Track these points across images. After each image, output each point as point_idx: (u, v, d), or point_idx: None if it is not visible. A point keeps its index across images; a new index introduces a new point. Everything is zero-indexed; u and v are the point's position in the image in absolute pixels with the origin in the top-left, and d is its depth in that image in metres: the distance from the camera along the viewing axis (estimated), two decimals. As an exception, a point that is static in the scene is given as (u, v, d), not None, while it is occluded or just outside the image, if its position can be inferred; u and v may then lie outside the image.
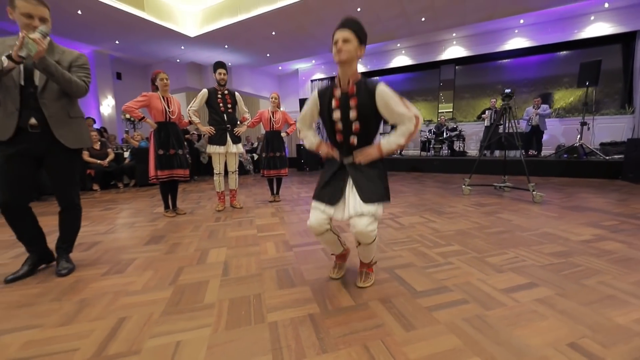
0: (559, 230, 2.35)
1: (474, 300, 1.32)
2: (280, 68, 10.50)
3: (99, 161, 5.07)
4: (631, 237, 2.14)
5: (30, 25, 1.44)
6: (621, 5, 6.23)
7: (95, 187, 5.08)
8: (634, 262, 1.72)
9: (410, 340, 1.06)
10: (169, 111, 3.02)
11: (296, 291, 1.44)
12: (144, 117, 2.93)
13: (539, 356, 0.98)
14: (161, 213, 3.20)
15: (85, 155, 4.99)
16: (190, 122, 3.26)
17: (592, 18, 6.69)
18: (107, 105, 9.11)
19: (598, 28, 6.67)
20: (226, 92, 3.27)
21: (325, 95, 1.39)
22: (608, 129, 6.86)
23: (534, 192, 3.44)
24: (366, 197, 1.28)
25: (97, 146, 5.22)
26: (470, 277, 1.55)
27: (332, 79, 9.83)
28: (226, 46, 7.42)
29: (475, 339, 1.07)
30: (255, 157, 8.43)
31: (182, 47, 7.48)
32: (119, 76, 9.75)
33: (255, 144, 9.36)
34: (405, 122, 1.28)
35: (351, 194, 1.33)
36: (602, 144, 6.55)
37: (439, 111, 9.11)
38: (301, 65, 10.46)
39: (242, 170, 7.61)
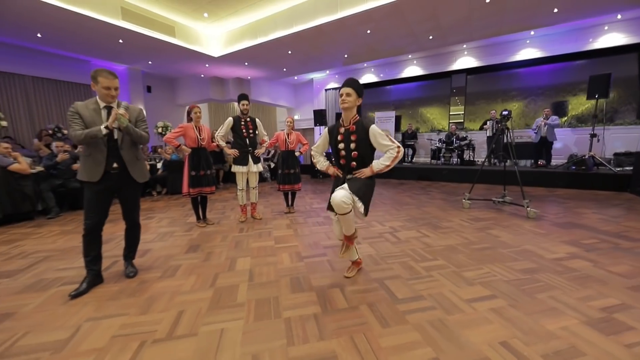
0: (538, 247, 2.66)
1: (440, 307, 1.72)
2: (295, 78, 11.02)
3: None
4: (601, 256, 2.42)
5: (109, 94, 1.96)
6: (635, 16, 6.22)
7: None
8: (590, 279, 2.04)
9: (384, 334, 1.48)
10: (200, 138, 3.57)
11: (305, 295, 1.89)
12: (180, 145, 3.49)
13: (475, 350, 1.37)
14: (194, 223, 3.76)
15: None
16: (218, 146, 3.79)
17: (606, 28, 6.69)
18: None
19: (612, 38, 6.66)
20: (248, 119, 3.78)
21: (333, 131, 2.00)
22: (623, 139, 6.83)
23: (528, 209, 3.71)
24: (352, 190, 1.81)
25: (135, 159, 5.92)
26: (443, 289, 1.94)
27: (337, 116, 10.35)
28: (246, 63, 8.02)
29: (432, 335, 1.47)
30: (272, 165, 8.97)
31: (207, 65, 8.16)
32: (149, 89, 10.61)
33: (272, 152, 9.91)
34: (389, 151, 1.83)
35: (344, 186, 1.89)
36: (615, 154, 6.53)
37: (450, 114, 9.24)
38: (316, 76, 10.93)
39: (259, 177, 8.16)
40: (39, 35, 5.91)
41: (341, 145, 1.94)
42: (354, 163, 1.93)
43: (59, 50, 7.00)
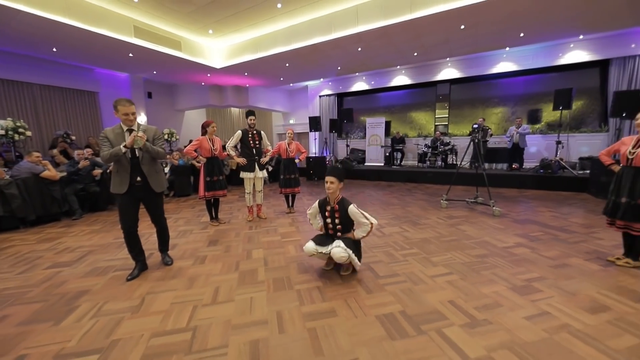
0: (494, 239, 3.31)
1: (409, 281, 2.34)
2: (291, 85, 11.60)
3: (147, 177, 6.25)
4: (540, 245, 3.09)
5: (128, 119, 2.33)
6: (595, 37, 7.00)
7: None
8: (525, 261, 2.69)
9: (368, 298, 2.09)
10: (214, 149, 4.13)
11: (309, 275, 2.49)
12: (197, 156, 4.04)
13: (430, 305, 1.99)
14: (207, 222, 4.31)
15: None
16: (228, 155, 4.35)
17: (572, 46, 7.47)
18: (141, 122, 10.35)
19: (577, 55, 7.45)
20: (255, 132, 4.35)
21: (322, 206, 2.57)
22: (588, 144, 7.63)
23: (494, 208, 4.38)
24: (346, 244, 2.34)
25: (145, 164, 6.41)
26: (414, 269, 2.56)
27: (331, 122, 10.96)
28: (246, 73, 8.57)
29: (402, 298, 2.09)
30: (270, 168, 9.51)
31: (209, 75, 8.67)
32: (149, 95, 11.02)
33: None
34: (363, 226, 2.40)
35: (335, 242, 2.41)
36: (580, 159, 7.32)
37: (436, 116, 9.94)
38: (310, 83, 11.52)
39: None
40: (54, 49, 6.34)
41: (328, 220, 2.52)
42: (339, 233, 2.50)
43: (68, 60, 7.41)
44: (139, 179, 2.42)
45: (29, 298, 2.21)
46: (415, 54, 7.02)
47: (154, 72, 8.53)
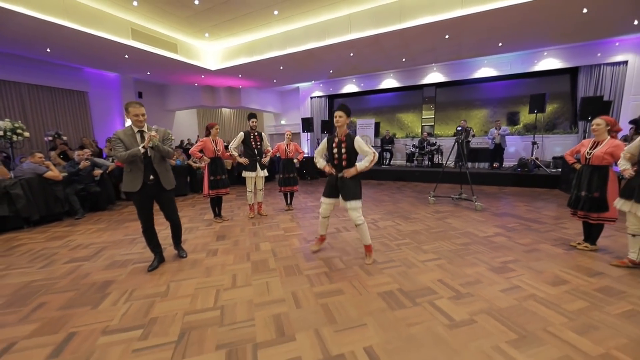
0: (476, 230, 3.72)
1: (404, 265, 2.68)
2: (283, 86, 11.82)
3: (145, 177, 6.35)
4: (515, 234, 3.51)
5: (138, 120, 2.46)
6: (566, 47, 7.63)
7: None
8: (502, 247, 3.09)
9: (369, 279, 2.41)
10: (217, 150, 4.35)
11: (316, 263, 2.78)
12: (202, 156, 4.25)
13: (422, 284, 2.33)
14: (211, 219, 4.52)
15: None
16: (231, 155, 4.57)
17: (545, 54, 8.10)
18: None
19: (550, 63, 8.08)
20: (256, 133, 4.59)
21: (330, 140, 2.83)
22: (561, 144, 8.29)
23: (476, 203, 4.82)
24: (348, 197, 2.67)
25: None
26: (407, 255, 2.90)
27: (323, 123, 11.27)
28: (240, 75, 8.75)
29: (398, 279, 2.42)
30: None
31: (203, 76, 8.79)
32: (140, 95, 10.97)
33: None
34: (369, 155, 2.64)
35: (340, 194, 2.75)
36: (553, 158, 7.96)
37: (423, 117, 10.44)
38: (302, 84, 11.79)
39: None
40: (48, 50, 6.34)
41: (335, 151, 2.77)
42: (344, 163, 2.75)
43: (60, 60, 7.37)
44: (151, 177, 2.56)
45: (59, 288, 2.39)
46: (404, 59, 7.44)
47: (148, 73, 8.58)
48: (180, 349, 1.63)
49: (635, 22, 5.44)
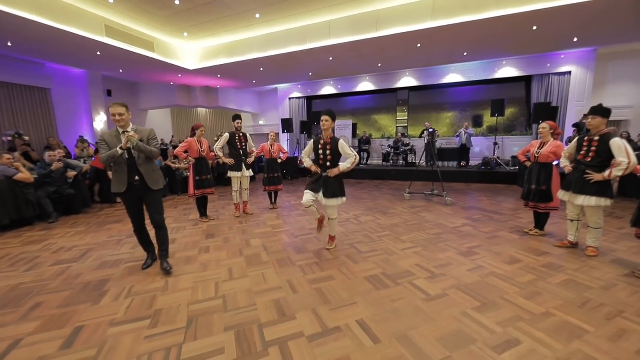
0: (446, 221, 4.14)
1: (385, 253, 2.98)
2: (261, 86, 11.85)
3: (121, 179, 6.16)
4: (479, 224, 3.98)
5: (114, 119, 2.40)
6: (520, 57, 8.49)
7: (119, 200, 6.16)
8: (468, 235, 3.51)
9: (356, 267, 2.68)
10: (202, 150, 4.41)
11: (305, 255, 3.00)
12: (187, 156, 4.29)
13: (403, 268, 2.64)
14: (197, 219, 4.56)
15: (110, 174, 6.07)
16: (215, 155, 4.65)
17: (504, 63, 8.95)
18: (100, 121, 9.82)
19: (507, 71, 8.93)
20: (241, 134, 4.70)
21: (316, 142, 3.05)
22: (517, 144, 9.17)
23: (446, 198, 5.30)
24: (328, 195, 2.90)
25: (117, 166, 6.30)
26: (388, 245, 3.22)
27: (302, 124, 11.49)
28: (219, 75, 8.70)
29: (380, 265, 2.71)
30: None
31: (179, 75, 8.62)
32: (109, 93, 10.46)
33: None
34: (350, 157, 2.90)
35: (322, 191, 2.95)
36: (512, 157, 8.81)
37: (397, 118, 11.02)
38: (280, 85, 11.89)
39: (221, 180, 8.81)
40: (9, 44, 5.93)
41: (320, 152, 3.01)
42: (328, 163, 3.00)
43: (20, 55, 6.89)
44: (136, 178, 2.51)
45: (52, 288, 2.40)
46: (379, 64, 7.87)
47: (120, 71, 8.25)
48: (191, 332, 1.78)
49: (575, 39, 6.27)
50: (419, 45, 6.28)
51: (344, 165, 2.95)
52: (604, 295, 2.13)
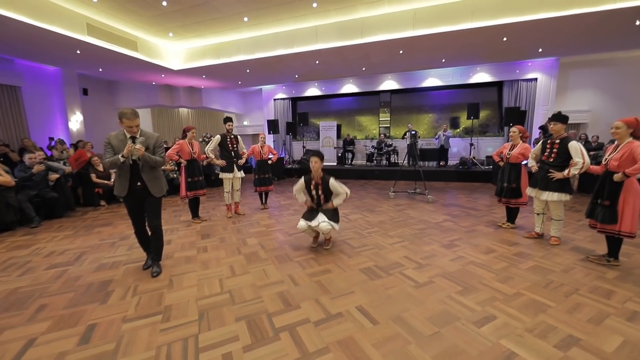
0: (429, 217, 4.47)
1: (376, 248, 3.22)
2: (246, 87, 11.83)
3: (106, 181, 6.02)
4: (459, 219, 4.33)
5: (131, 130, 2.43)
6: (494, 64, 9.11)
7: (103, 203, 6.02)
8: (449, 230, 3.84)
9: (350, 260, 2.90)
10: (193, 152, 4.46)
11: (302, 252, 3.18)
12: (179, 158, 4.32)
13: (392, 260, 2.89)
14: (189, 220, 4.60)
15: (93, 177, 5.92)
16: (207, 157, 4.70)
17: (478, 69, 9.55)
18: (76, 121, 9.42)
19: (481, 76, 9.55)
20: (233, 136, 4.79)
21: (307, 182, 3.23)
22: (491, 145, 9.81)
23: (428, 196, 5.66)
24: (328, 217, 3.09)
25: (100, 168, 6.15)
26: (377, 240, 3.47)
27: (288, 125, 11.62)
28: (204, 76, 8.64)
29: (373, 258, 2.95)
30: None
31: (163, 75, 8.47)
32: (85, 92, 10.04)
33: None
34: (341, 194, 3.14)
35: (319, 216, 3.12)
36: (486, 157, 9.43)
37: (380, 119, 11.41)
38: (265, 86, 11.93)
39: (220, 182, 8.83)
40: (-22, 40, 5.62)
41: (313, 192, 3.20)
42: (322, 200, 3.20)
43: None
44: (139, 184, 2.54)
45: (54, 291, 2.42)
46: (364, 68, 8.18)
47: (100, 70, 8.00)
48: (204, 324, 1.91)
49: (540, 50, 6.88)
50: (401, 52, 6.63)
51: (336, 201, 3.15)
52: (564, 277, 2.48)
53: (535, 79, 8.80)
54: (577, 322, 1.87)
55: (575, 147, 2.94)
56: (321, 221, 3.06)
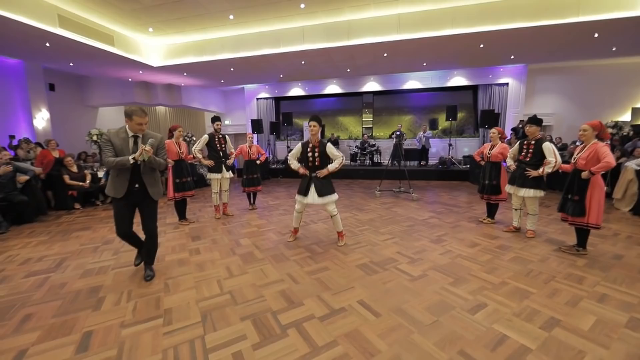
0: (416, 214, 4.66)
1: (369, 244, 3.33)
2: (228, 86, 11.59)
3: (80, 183, 5.67)
4: (443, 216, 4.56)
5: (141, 128, 2.37)
6: (469, 69, 9.61)
7: (77, 206, 5.67)
8: (435, 226, 4.03)
9: (346, 257, 2.98)
10: (180, 152, 4.34)
11: (298, 250, 3.21)
12: (166, 159, 4.18)
13: (385, 255, 3.00)
14: (176, 222, 4.46)
15: (66, 179, 5.55)
16: (194, 157, 4.59)
17: (455, 73, 10.03)
18: (42, 119, 8.76)
19: (458, 80, 10.03)
20: (220, 136, 4.71)
21: (305, 145, 3.28)
22: (468, 146, 10.35)
23: (412, 195, 5.88)
24: (321, 194, 3.15)
25: (74, 169, 5.78)
26: (369, 237, 3.58)
27: (272, 124, 11.54)
28: (185, 74, 8.37)
29: (367, 254, 3.04)
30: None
31: (141, 72, 8.10)
32: (51, 87, 9.38)
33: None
34: (338, 158, 3.22)
35: (311, 191, 3.20)
36: (464, 156, 9.92)
37: (363, 119, 11.65)
38: (247, 85, 11.76)
39: (203, 182, 8.61)
40: None
41: (309, 155, 3.25)
42: (317, 165, 3.25)
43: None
44: (137, 185, 2.45)
45: (38, 300, 2.27)
46: (349, 70, 8.32)
47: (71, 64, 7.50)
48: (209, 325, 1.90)
49: (512, 57, 7.37)
50: (385, 54, 6.83)
51: (332, 165, 3.23)
52: (541, 266, 2.71)
53: (507, 84, 9.40)
54: (557, 305, 2.07)
55: (549, 148, 3.22)
56: (316, 199, 3.15)
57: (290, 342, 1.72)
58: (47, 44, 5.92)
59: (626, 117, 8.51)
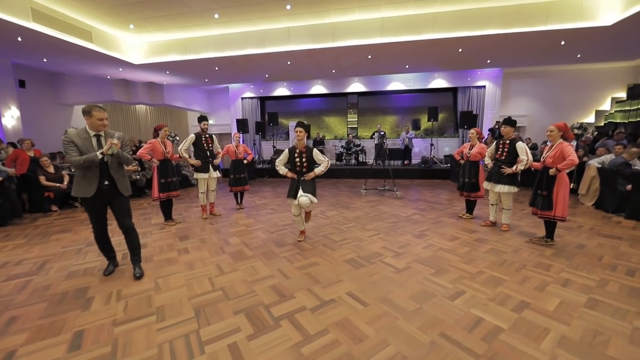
0: (400, 212, 4.84)
1: (356, 240, 3.46)
2: (212, 85, 11.43)
3: (57, 184, 5.45)
4: (425, 212, 4.77)
5: (102, 124, 2.38)
6: (449, 72, 10.00)
7: (55, 208, 5.45)
8: (418, 222, 4.22)
9: (334, 253, 3.08)
10: (166, 152, 4.30)
11: (287, 247, 3.29)
12: (151, 158, 4.13)
13: (372, 250, 3.13)
14: (161, 223, 4.41)
15: (43, 180, 5.32)
16: (180, 157, 4.55)
17: (436, 75, 10.41)
18: (11, 117, 8.31)
19: (439, 82, 10.42)
20: (207, 135, 4.69)
21: (292, 151, 3.37)
22: (448, 145, 10.76)
23: (397, 193, 6.09)
24: (305, 191, 3.24)
25: (51, 170, 5.55)
26: (356, 234, 3.70)
27: (257, 124, 11.48)
28: (167, 72, 8.20)
29: (354, 249, 3.16)
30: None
31: (120, 69, 7.86)
32: (22, 84, 8.90)
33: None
34: (323, 163, 3.33)
35: (300, 192, 3.28)
36: (444, 156, 10.32)
37: (348, 120, 11.85)
38: (232, 85, 11.64)
39: (187, 183, 8.48)
40: None
41: (297, 160, 3.35)
42: (305, 170, 3.38)
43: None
44: (106, 183, 2.46)
45: (22, 302, 2.22)
46: (334, 71, 8.45)
47: (44, 60, 7.17)
48: (203, 320, 1.94)
49: (488, 61, 7.77)
50: (369, 57, 7.01)
51: (319, 169, 3.35)
52: (514, 256, 2.94)
53: (484, 87, 9.86)
54: (527, 291, 2.27)
55: (521, 147, 3.47)
56: (300, 195, 3.21)
57: (284, 332, 1.80)
58: (19, 39, 5.65)
59: (590, 119, 9.18)
